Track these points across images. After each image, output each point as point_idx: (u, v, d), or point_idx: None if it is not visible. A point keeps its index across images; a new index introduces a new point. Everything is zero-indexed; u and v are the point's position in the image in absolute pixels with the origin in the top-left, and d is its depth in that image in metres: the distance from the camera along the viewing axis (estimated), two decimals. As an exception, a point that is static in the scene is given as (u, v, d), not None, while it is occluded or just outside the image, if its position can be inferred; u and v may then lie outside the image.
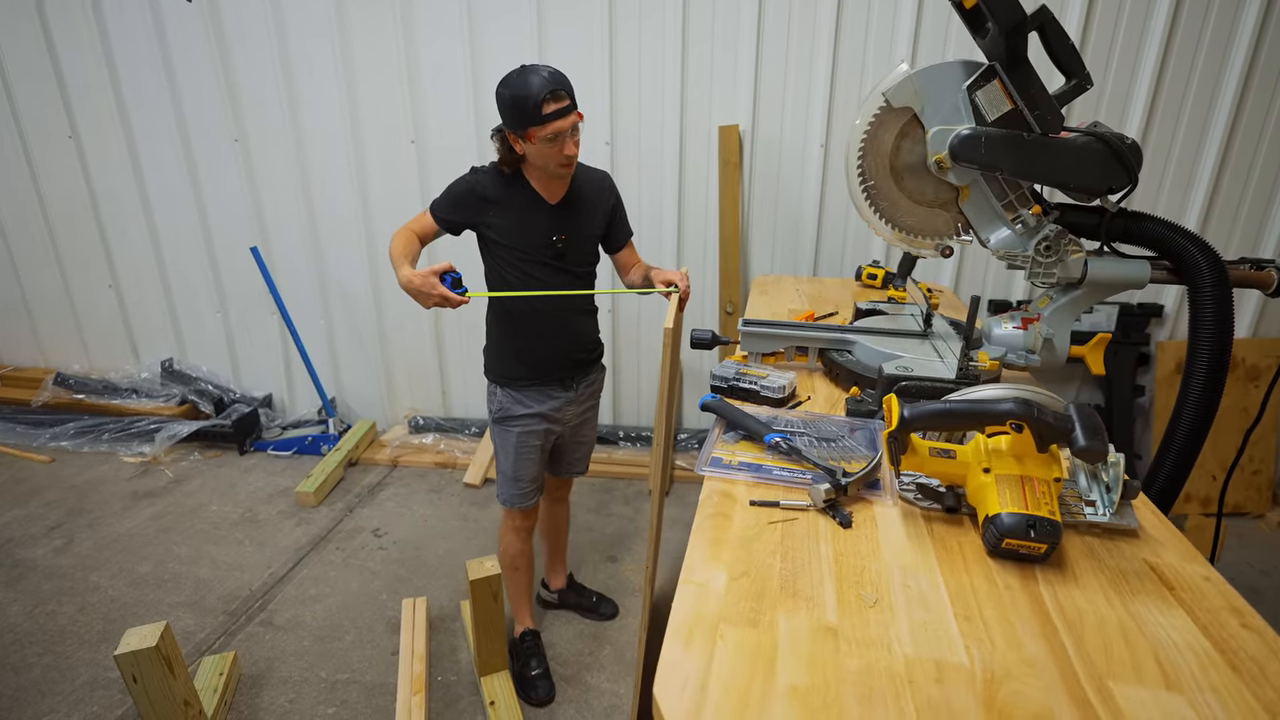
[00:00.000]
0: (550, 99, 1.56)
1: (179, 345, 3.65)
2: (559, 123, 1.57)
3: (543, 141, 1.59)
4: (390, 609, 2.39)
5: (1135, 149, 1.17)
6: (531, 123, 1.57)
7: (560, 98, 1.57)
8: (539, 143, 1.60)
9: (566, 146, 1.61)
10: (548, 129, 1.57)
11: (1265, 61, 2.57)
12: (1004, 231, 1.29)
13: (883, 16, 2.67)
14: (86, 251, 3.51)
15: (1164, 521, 0.94)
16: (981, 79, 1.19)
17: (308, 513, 2.97)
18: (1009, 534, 0.82)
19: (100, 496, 3.06)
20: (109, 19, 3.08)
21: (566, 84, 1.60)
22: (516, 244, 1.76)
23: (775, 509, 0.97)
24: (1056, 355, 1.31)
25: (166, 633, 1.71)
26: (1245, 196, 2.75)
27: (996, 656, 0.70)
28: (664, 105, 2.90)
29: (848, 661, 0.70)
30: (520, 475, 1.94)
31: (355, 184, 3.18)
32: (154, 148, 3.26)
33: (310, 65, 3.03)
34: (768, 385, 1.31)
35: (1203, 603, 0.79)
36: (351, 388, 3.62)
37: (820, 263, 3.02)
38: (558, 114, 1.56)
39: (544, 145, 1.60)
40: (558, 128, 1.57)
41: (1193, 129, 2.69)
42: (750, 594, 0.79)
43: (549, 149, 1.61)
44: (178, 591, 2.47)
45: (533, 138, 1.59)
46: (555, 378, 1.89)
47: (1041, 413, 0.83)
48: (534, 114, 1.56)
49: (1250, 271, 1.25)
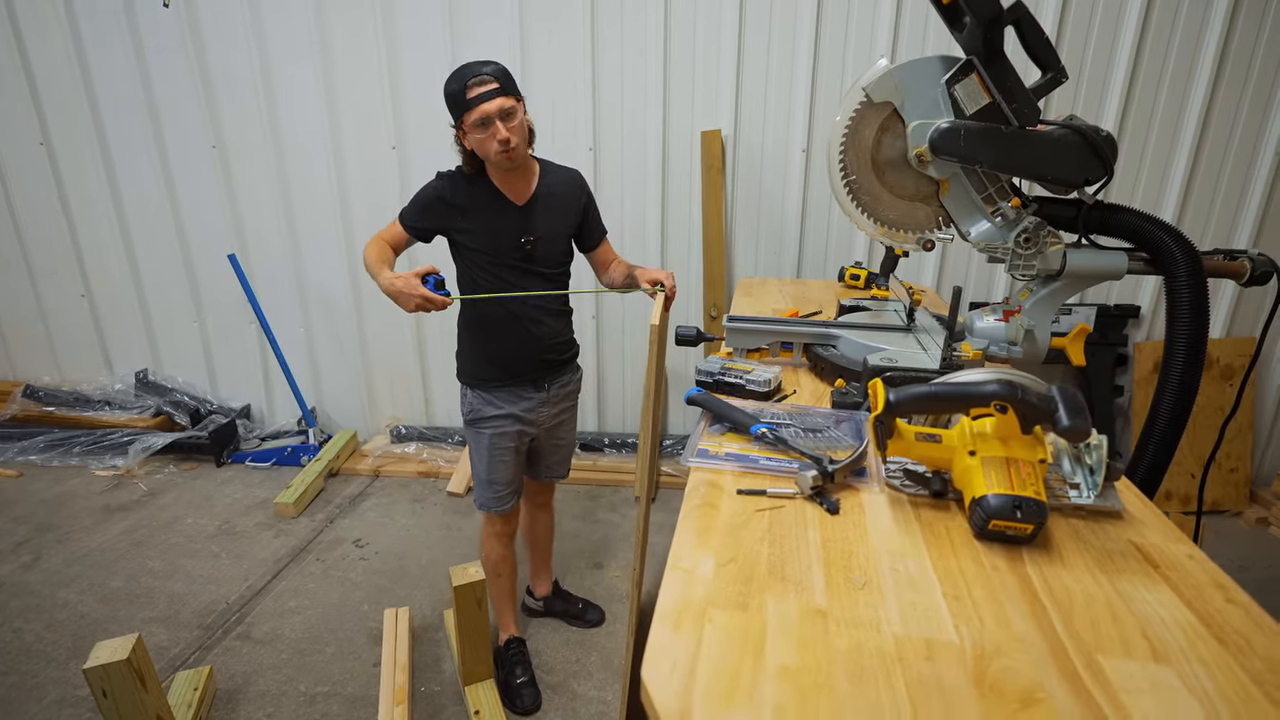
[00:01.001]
0: (474, 84, 1.55)
1: (154, 356, 3.58)
2: (484, 106, 1.55)
3: (475, 129, 1.58)
4: (372, 620, 2.35)
5: (1110, 141, 1.19)
6: (461, 110, 1.58)
7: (485, 81, 1.55)
8: (472, 131, 1.59)
9: (497, 132, 1.57)
10: (474, 113, 1.56)
11: (1235, 54, 2.62)
12: (984, 224, 1.31)
13: (861, 24, 2.72)
14: (58, 260, 3.44)
15: (1147, 504, 0.95)
16: (960, 73, 1.20)
17: (287, 524, 2.91)
18: (995, 515, 0.82)
19: (70, 511, 2.97)
20: (82, 22, 3.04)
21: (497, 70, 1.58)
22: (485, 247, 1.74)
23: (763, 497, 0.96)
24: (1038, 347, 1.32)
25: (138, 645, 1.66)
26: (1219, 187, 2.80)
27: (986, 634, 0.70)
28: (646, 111, 2.92)
29: (838, 641, 0.69)
30: (495, 478, 1.92)
31: (335, 190, 3.16)
32: (129, 154, 3.22)
33: (290, 70, 3.02)
34: (753, 379, 1.31)
35: (1188, 580, 0.79)
36: (332, 397, 3.57)
37: (804, 265, 3.04)
38: (481, 98, 1.55)
39: (477, 133, 1.59)
40: (484, 111, 1.55)
41: (1167, 121, 2.74)
42: (738, 579, 0.78)
43: (483, 136, 1.59)
44: (151, 606, 2.40)
45: (467, 126, 1.59)
46: (527, 378, 1.87)
47: (1025, 393, 0.83)
48: (461, 101, 1.57)
49: (1224, 262, 1.27)
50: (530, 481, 2.13)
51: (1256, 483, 3.13)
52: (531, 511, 2.24)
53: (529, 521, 2.26)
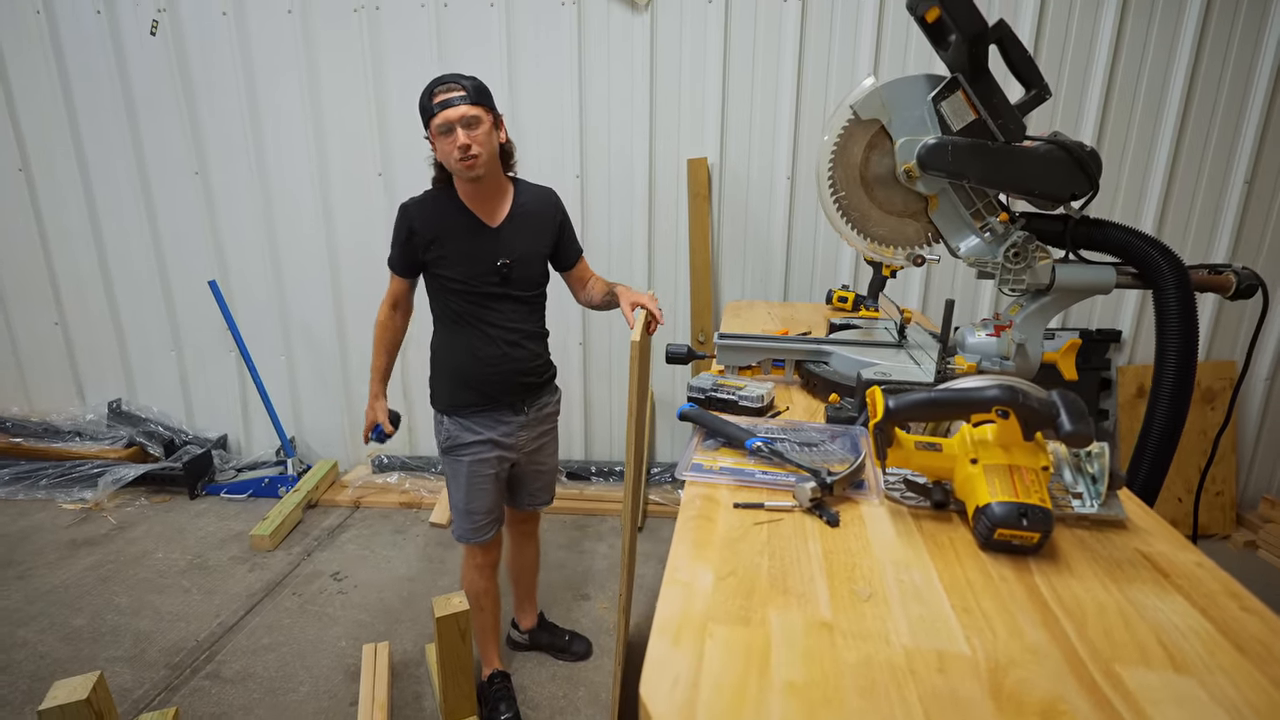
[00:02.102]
0: (441, 90, 1.55)
1: (129, 385, 3.49)
2: (447, 112, 1.53)
3: (439, 136, 1.57)
4: (350, 656, 2.25)
5: (1095, 156, 1.21)
6: (426, 116, 1.57)
7: (452, 89, 1.54)
8: (436, 138, 1.58)
9: (457, 138, 1.55)
10: (437, 119, 1.54)
11: (1205, 70, 2.69)
12: (973, 240, 1.31)
13: (842, 54, 2.78)
14: (32, 287, 3.37)
15: (1150, 513, 0.93)
16: (946, 90, 1.22)
17: (262, 558, 2.81)
18: (1001, 524, 0.79)
19: (34, 546, 2.85)
20: (67, 47, 3.04)
21: (466, 80, 1.57)
22: (461, 274, 1.70)
23: (760, 510, 0.93)
24: (1030, 361, 1.31)
25: (100, 684, 1.57)
26: (1196, 200, 2.85)
27: (999, 645, 0.67)
28: (633, 139, 2.95)
29: (846, 655, 0.65)
30: (474, 508, 1.85)
31: (321, 216, 3.14)
32: (110, 180, 3.19)
33: (276, 97, 3.02)
34: (746, 395, 1.29)
35: (1199, 588, 0.77)
36: (313, 427, 3.49)
37: (790, 290, 3.06)
38: (445, 104, 1.54)
39: (441, 141, 1.57)
40: (446, 117, 1.54)
41: (1143, 136, 2.78)
42: (739, 592, 0.75)
43: (445, 143, 1.57)
44: (115, 645, 2.29)
45: (431, 133, 1.58)
46: (506, 402, 1.82)
47: (1027, 398, 0.82)
48: (427, 106, 1.56)
49: (1209, 276, 1.28)
50: (514, 511, 2.07)
51: (1242, 506, 3.14)
52: (516, 541, 2.18)
53: (514, 552, 2.19)
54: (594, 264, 3.05)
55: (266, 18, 2.93)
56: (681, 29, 2.82)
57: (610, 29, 2.84)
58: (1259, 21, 2.64)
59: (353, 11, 2.90)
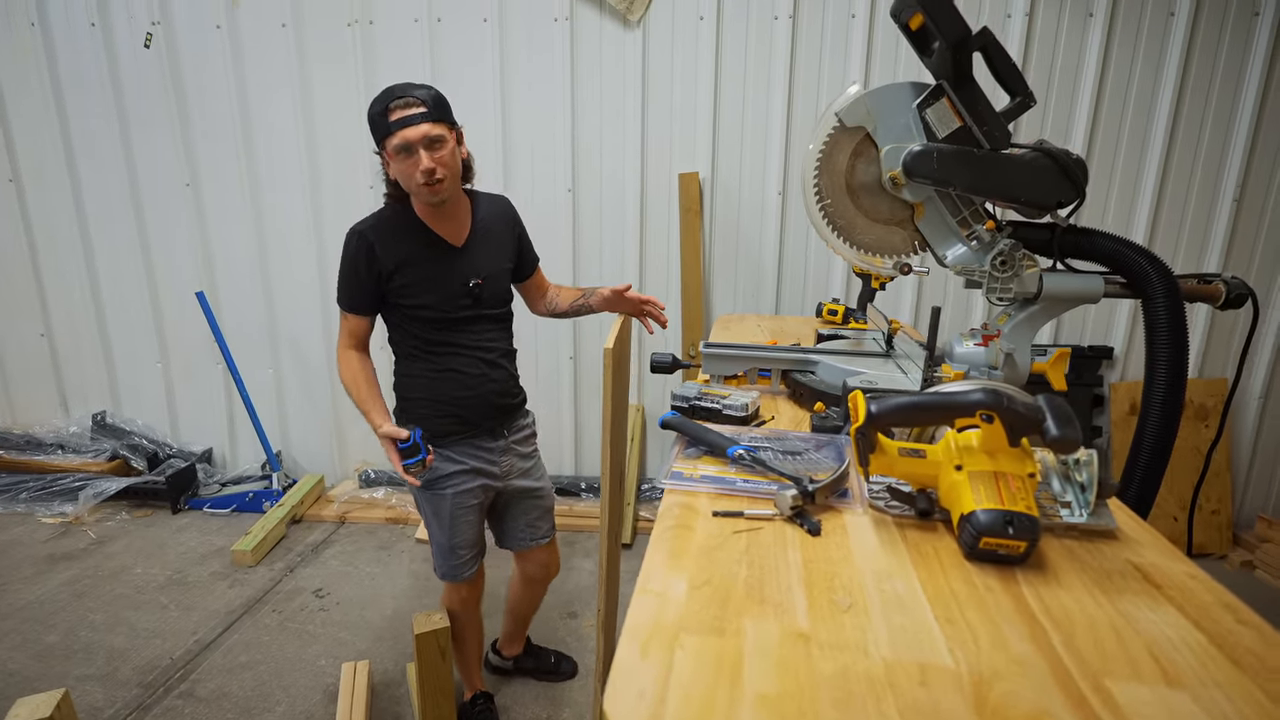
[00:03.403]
0: (399, 105, 1.40)
1: (113, 397, 3.45)
2: (406, 131, 1.40)
3: (397, 156, 1.43)
4: (329, 675, 2.19)
5: (1081, 164, 1.20)
6: (381, 133, 1.43)
7: (411, 104, 1.41)
8: (394, 158, 1.44)
9: (420, 161, 1.42)
10: (395, 138, 1.41)
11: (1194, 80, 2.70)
12: (960, 248, 1.30)
13: (833, 71, 2.80)
14: (19, 298, 3.34)
15: (1141, 523, 0.91)
16: (931, 97, 1.21)
17: (243, 573, 2.75)
18: (986, 532, 0.77)
19: (9, 561, 2.79)
20: (61, 60, 3.04)
21: (428, 94, 1.44)
22: (431, 302, 1.58)
23: (740, 519, 0.90)
24: (1019, 371, 1.29)
25: (64, 702, 1.52)
26: (1187, 209, 2.84)
27: (983, 657, 0.64)
28: (625, 153, 2.96)
29: (822, 666, 0.62)
30: (458, 542, 1.74)
31: (311, 230, 3.13)
32: (100, 191, 3.18)
33: (268, 110, 3.02)
34: (730, 404, 1.26)
35: (1193, 600, 0.74)
36: (300, 441, 3.45)
37: (782, 304, 3.05)
38: (404, 121, 1.40)
39: (399, 161, 1.44)
40: (406, 137, 1.40)
41: (1133, 144, 2.79)
42: (713, 601, 0.72)
43: (405, 165, 1.44)
44: (88, 663, 2.23)
45: (388, 153, 1.44)
46: (485, 428, 1.71)
47: (1012, 402, 0.79)
48: (381, 123, 1.42)
49: (1199, 285, 1.27)
50: (529, 554, 1.92)
51: (1239, 525, 3.11)
52: (528, 586, 2.00)
53: (520, 592, 2.03)
54: (586, 277, 3.08)
55: (260, 31, 2.94)
56: (673, 44, 2.84)
57: (602, 44, 2.86)
58: (1244, 38, 2.66)
59: (346, 26, 2.91)
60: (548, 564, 1.97)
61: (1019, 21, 2.69)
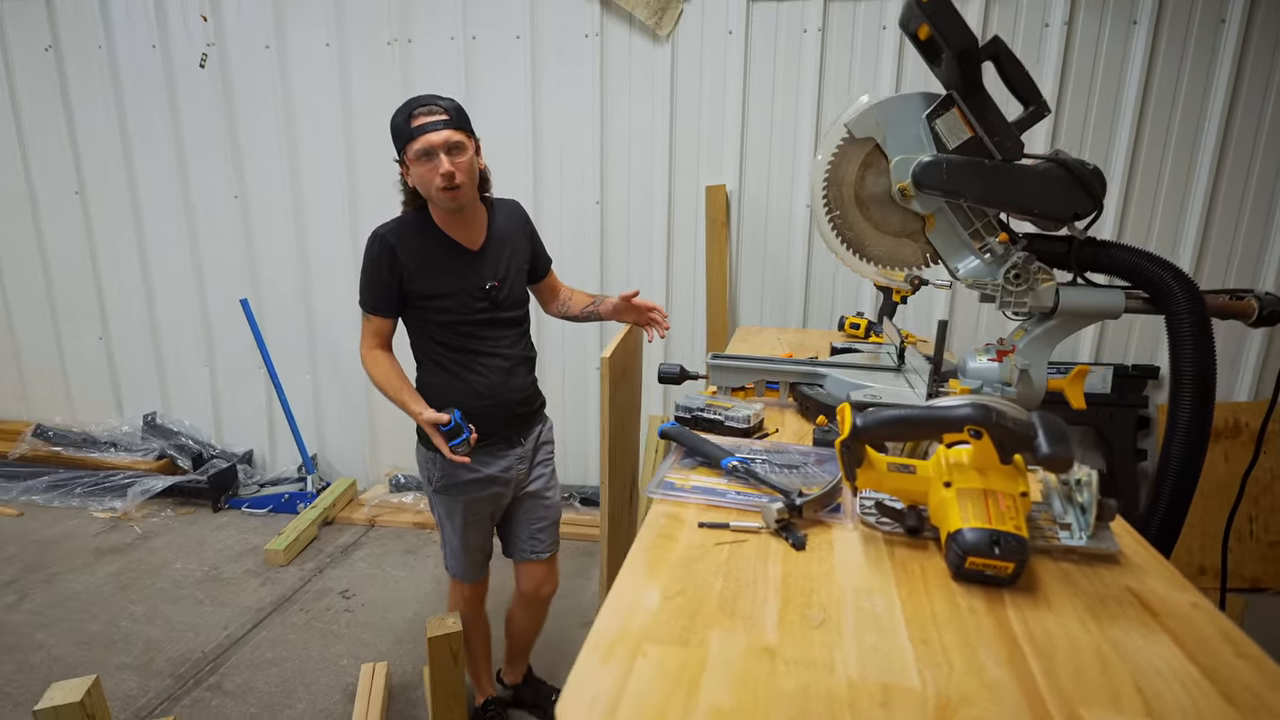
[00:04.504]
0: (421, 113, 1.45)
1: (164, 399, 3.62)
2: (430, 136, 1.44)
3: (417, 160, 1.47)
4: (350, 675, 2.24)
5: (1098, 174, 1.16)
6: (403, 139, 1.47)
7: (433, 111, 1.46)
8: (415, 162, 1.48)
9: (440, 165, 1.46)
10: (418, 143, 1.45)
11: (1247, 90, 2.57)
12: (972, 261, 1.27)
13: (863, 84, 2.77)
14: (81, 303, 3.54)
15: (1147, 548, 0.86)
16: (940, 107, 1.19)
17: (275, 572, 2.84)
18: (971, 551, 0.74)
19: (62, 552, 2.94)
20: (124, 79, 3.23)
21: (450, 104, 1.50)
22: (451, 304, 1.61)
23: (725, 530, 0.89)
24: (1034, 388, 1.25)
25: (95, 688, 1.59)
26: (1240, 225, 2.70)
27: (954, 681, 0.62)
28: (652, 166, 2.98)
29: (783, 683, 0.61)
30: (471, 545, 1.78)
31: (349, 239, 3.24)
32: (156, 202, 3.36)
33: (312, 124, 3.15)
34: (733, 415, 1.26)
35: (1191, 630, 0.70)
36: (335, 445, 3.56)
37: (809, 318, 3.01)
38: (427, 127, 1.45)
39: (420, 166, 1.48)
40: (428, 141, 1.45)
41: (1180, 158, 2.67)
42: (684, 612, 0.71)
43: (425, 169, 1.47)
44: (126, 652, 2.33)
45: (409, 158, 1.48)
46: (503, 435, 1.73)
47: (1001, 418, 0.77)
48: (404, 129, 1.46)
49: (1230, 301, 1.21)
50: (523, 566, 1.91)
51: (1300, 558, 2.91)
52: (529, 607, 1.96)
53: (520, 614, 2.00)
54: (613, 288, 3.10)
55: (306, 50, 3.08)
56: (701, 59, 2.85)
57: (632, 59, 2.89)
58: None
59: (386, 45, 3.02)
60: (541, 581, 1.92)
61: (1057, 31, 2.61)
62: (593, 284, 3.08)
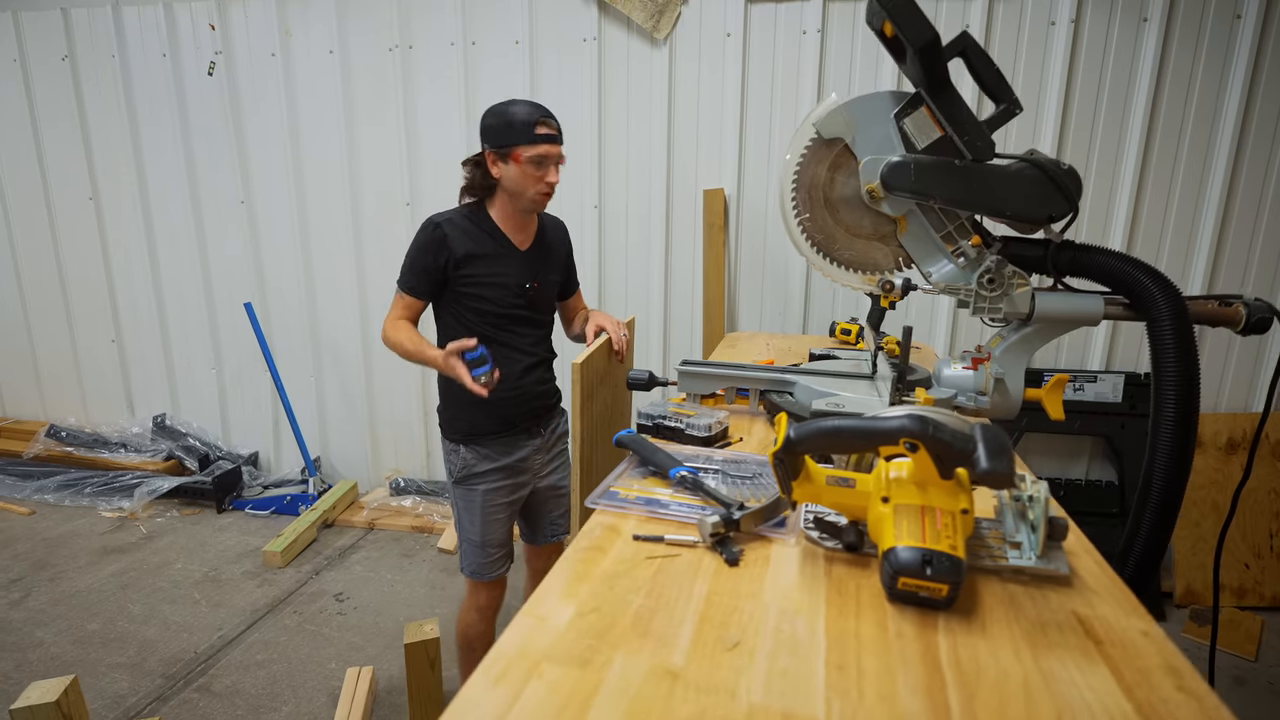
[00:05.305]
0: (543, 123, 1.56)
1: (173, 401, 3.68)
2: (548, 146, 1.57)
3: (528, 163, 1.56)
4: (336, 679, 2.23)
5: (1073, 174, 1.11)
6: (520, 140, 1.55)
7: (552, 126, 1.58)
8: (524, 164, 1.56)
9: (549, 174, 1.59)
10: (537, 149, 1.55)
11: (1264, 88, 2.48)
12: (945, 265, 1.22)
13: (864, 84, 2.72)
14: (95, 306, 3.62)
15: (1105, 569, 0.81)
16: (909, 106, 1.15)
17: (272, 574, 2.86)
18: (903, 571, 0.70)
19: (69, 551, 3.00)
20: (136, 88, 3.30)
21: (557, 121, 1.62)
22: (491, 295, 1.67)
23: (659, 544, 0.86)
24: (1010, 397, 1.20)
25: (72, 688, 1.61)
26: (1257, 231, 2.60)
27: (861, 710, 0.58)
28: (650, 169, 2.95)
29: (680, 708, 0.58)
30: (489, 540, 1.79)
31: (352, 243, 3.26)
32: (166, 208, 3.42)
33: (315, 129, 3.18)
34: (694, 424, 1.22)
35: (1134, 661, 0.65)
36: (338, 447, 3.58)
37: (809, 323, 2.96)
38: (550, 138, 1.57)
39: (528, 167, 1.57)
40: (546, 151, 1.56)
41: (1194, 160, 2.58)
42: (592, 631, 0.68)
43: (532, 173, 1.57)
44: (121, 651, 2.35)
45: (518, 158, 1.56)
46: (522, 427, 1.78)
47: (938, 430, 0.73)
48: (524, 132, 1.54)
49: (1217, 308, 1.14)
50: (535, 549, 1.98)
51: (1326, 577, 2.78)
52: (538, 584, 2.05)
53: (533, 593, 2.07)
54: (611, 293, 3.08)
55: (310, 57, 3.12)
56: (699, 62, 2.83)
57: (630, 63, 2.88)
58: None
59: (388, 51, 3.05)
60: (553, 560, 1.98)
61: (1064, 29, 2.54)
62: (591, 289, 3.07)
